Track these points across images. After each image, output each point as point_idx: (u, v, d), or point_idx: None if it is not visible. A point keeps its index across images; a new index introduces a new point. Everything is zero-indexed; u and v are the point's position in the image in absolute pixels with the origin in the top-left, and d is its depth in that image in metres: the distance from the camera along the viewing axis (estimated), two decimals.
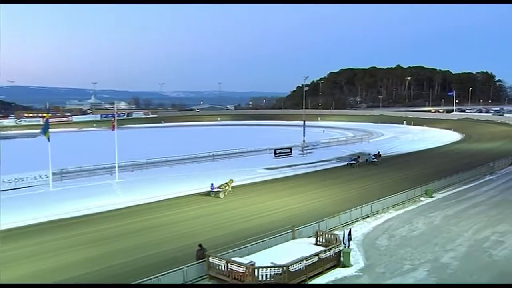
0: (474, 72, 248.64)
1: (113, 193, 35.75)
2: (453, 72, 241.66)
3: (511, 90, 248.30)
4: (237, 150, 58.75)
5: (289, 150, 59.38)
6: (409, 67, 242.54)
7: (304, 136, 65.17)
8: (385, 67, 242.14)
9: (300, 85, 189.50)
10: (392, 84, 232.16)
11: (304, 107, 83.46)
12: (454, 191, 38.30)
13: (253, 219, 28.98)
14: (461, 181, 41.30)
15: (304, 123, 68.43)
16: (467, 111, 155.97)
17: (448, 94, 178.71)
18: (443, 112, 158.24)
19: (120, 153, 42.22)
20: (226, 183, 35.57)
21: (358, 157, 52.07)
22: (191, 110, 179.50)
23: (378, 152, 54.57)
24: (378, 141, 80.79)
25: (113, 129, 43.25)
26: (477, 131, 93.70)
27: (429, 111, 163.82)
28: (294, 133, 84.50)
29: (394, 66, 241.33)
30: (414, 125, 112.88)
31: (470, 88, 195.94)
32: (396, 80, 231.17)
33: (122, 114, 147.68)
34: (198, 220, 28.75)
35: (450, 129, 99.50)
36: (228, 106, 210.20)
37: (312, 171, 47.46)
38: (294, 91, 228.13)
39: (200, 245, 21.34)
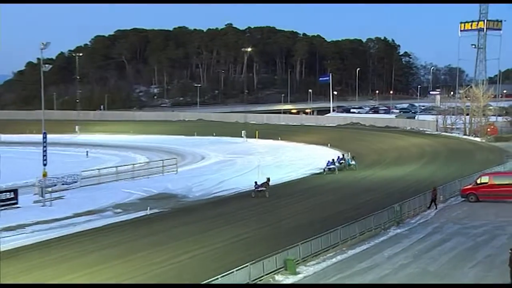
0: (363, 40, 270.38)
1: None
2: (328, 40, 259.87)
3: (427, 72, 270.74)
4: None
5: (11, 196, 57.75)
6: (249, 28, 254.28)
7: (45, 165, 63.33)
8: (204, 29, 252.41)
9: (35, 62, 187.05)
10: (219, 61, 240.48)
11: (43, 106, 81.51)
12: (335, 259, 39.97)
13: None
14: (348, 241, 43.46)
15: (44, 138, 66.45)
16: (354, 110, 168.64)
17: (321, 79, 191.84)
18: (312, 113, 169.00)
19: None
20: (266, 182, 60.43)
21: (333, 159, 78.01)
22: None
23: (346, 156, 79.66)
24: (196, 169, 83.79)
25: None
26: (372, 146, 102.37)
27: (289, 111, 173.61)
28: (24, 159, 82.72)
29: (221, 27, 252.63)
30: (260, 138, 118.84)
31: (359, 69, 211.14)
32: (225, 53, 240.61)
33: None
34: None
35: (325, 144, 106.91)
36: None
37: (65, 236, 46.56)
38: (21, 72, 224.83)
39: None
